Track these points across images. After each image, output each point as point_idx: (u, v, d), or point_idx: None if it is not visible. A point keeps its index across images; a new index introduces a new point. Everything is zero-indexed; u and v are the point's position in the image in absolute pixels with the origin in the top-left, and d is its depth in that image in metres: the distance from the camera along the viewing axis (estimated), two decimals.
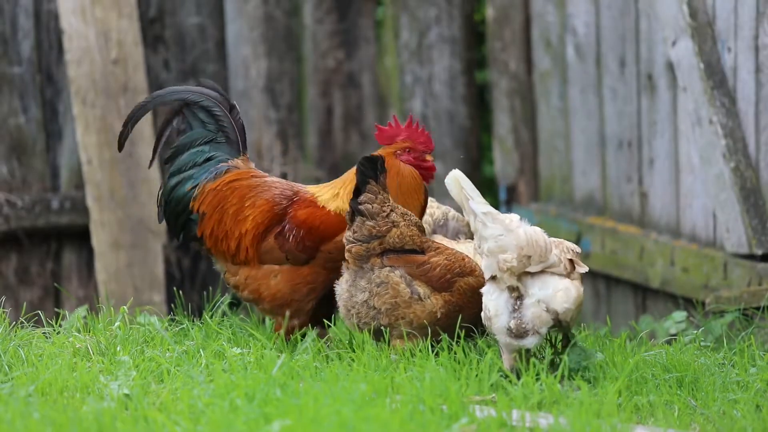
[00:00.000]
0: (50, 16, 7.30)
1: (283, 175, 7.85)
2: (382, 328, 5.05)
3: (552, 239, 5.01)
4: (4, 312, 5.35)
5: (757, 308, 6.02)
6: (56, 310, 6.99)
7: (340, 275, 5.08)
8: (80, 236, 7.37)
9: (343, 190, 5.16)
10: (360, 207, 5.05)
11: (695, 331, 5.90)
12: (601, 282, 7.26)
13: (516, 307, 4.98)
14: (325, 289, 5.14)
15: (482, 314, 5.02)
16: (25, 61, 7.26)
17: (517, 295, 4.97)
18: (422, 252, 5.10)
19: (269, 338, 5.33)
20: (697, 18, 6.35)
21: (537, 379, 4.74)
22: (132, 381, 4.67)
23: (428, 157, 5.19)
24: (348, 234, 5.08)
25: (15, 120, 7.27)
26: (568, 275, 4.98)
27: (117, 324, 5.26)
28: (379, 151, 5.17)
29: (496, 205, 8.06)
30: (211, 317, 5.53)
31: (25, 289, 7.34)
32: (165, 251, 7.38)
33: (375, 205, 5.05)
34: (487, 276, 4.99)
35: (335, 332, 5.54)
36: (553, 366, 4.95)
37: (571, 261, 4.99)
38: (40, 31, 7.30)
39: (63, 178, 7.36)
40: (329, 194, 5.17)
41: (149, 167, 5.38)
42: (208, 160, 5.25)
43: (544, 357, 5.00)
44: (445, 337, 5.10)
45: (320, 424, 4.00)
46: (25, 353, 4.93)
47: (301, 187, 5.25)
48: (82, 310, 5.87)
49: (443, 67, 7.90)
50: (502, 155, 7.85)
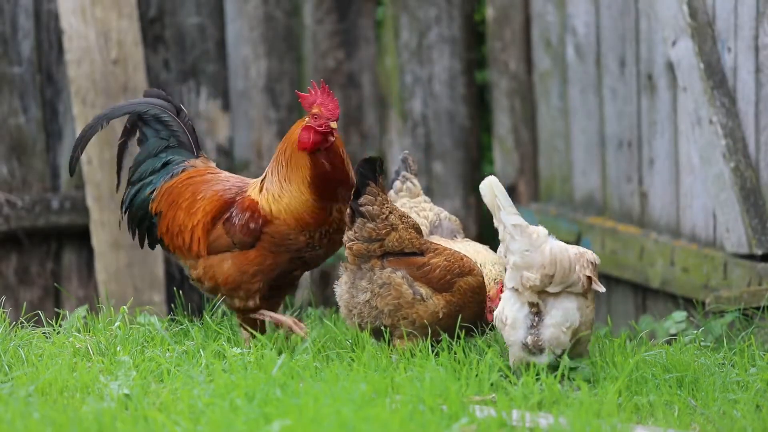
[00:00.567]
0: (50, 16, 7.30)
1: None
2: (383, 327, 5.06)
3: (573, 250, 4.97)
4: (4, 312, 5.35)
5: (757, 308, 6.01)
6: (56, 310, 6.99)
7: (285, 260, 5.17)
8: (80, 236, 7.37)
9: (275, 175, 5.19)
10: (361, 209, 5.05)
11: (695, 331, 5.89)
12: (601, 282, 7.25)
13: (534, 324, 4.96)
14: (273, 273, 5.20)
15: (496, 317, 5.01)
16: (25, 61, 7.26)
17: (536, 311, 4.95)
18: (422, 254, 5.10)
19: (269, 338, 5.33)
20: (697, 18, 6.35)
21: (537, 379, 4.74)
22: (132, 381, 4.67)
23: (332, 124, 5.17)
24: (348, 234, 5.09)
25: (15, 120, 7.27)
26: (585, 293, 4.97)
27: (117, 324, 5.26)
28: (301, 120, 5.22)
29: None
30: (211, 317, 5.53)
31: (25, 289, 7.34)
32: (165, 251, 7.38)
33: (375, 207, 5.06)
34: (508, 286, 4.98)
35: (335, 332, 5.54)
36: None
37: (589, 278, 4.97)
38: (40, 31, 7.31)
39: (63, 178, 7.36)
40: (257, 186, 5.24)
41: (116, 191, 5.50)
42: (166, 164, 5.38)
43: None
44: (445, 337, 5.11)
45: (320, 424, 4.00)
46: (25, 353, 4.93)
47: (253, 181, 5.32)
48: (82, 310, 5.87)
49: (443, 67, 7.90)
50: (502, 155, 7.85)
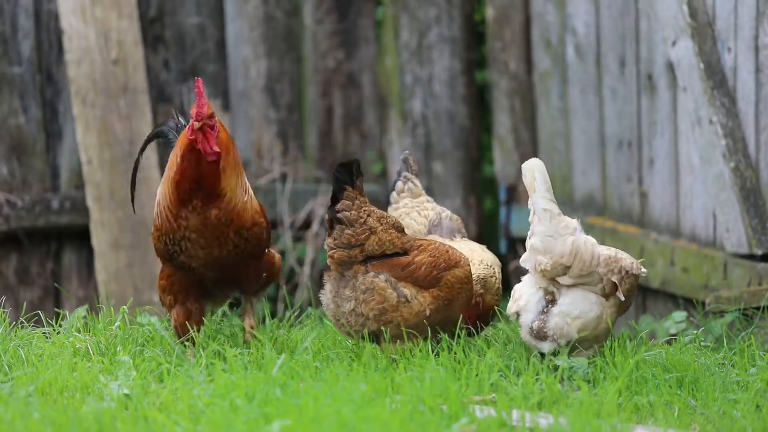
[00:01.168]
0: (50, 16, 7.30)
1: (283, 175, 7.85)
2: (372, 332, 5.05)
3: (610, 253, 5.04)
4: (4, 312, 5.35)
5: (757, 308, 6.01)
6: (56, 310, 6.99)
7: (172, 268, 5.09)
8: (80, 236, 7.37)
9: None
10: (338, 215, 5.03)
11: (695, 331, 5.90)
12: None
13: (545, 310, 5.02)
14: (172, 281, 5.11)
15: (511, 296, 5.09)
16: (25, 61, 7.26)
17: (550, 298, 5.01)
18: (405, 253, 5.08)
19: (269, 338, 5.33)
20: (697, 18, 6.35)
21: (537, 379, 4.74)
22: (132, 381, 4.67)
23: (195, 125, 4.98)
24: (329, 241, 5.06)
25: (15, 120, 7.27)
26: (607, 296, 5.02)
27: (117, 324, 5.26)
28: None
29: (496, 205, 8.07)
30: (211, 317, 5.53)
31: (25, 289, 7.34)
32: None
33: (353, 212, 5.03)
34: (524, 267, 5.07)
35: (335, 332, 5.54)
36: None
37: (614, 284, 5.02)
38: (40, 31, 7.30)
39: (63, 178, 7.37)
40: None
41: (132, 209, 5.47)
42: None
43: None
44: (445, 337, 5.11)
45: (320, 424, 4.00)
46: (25, 353, 4.93)
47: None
48: (82, 310, 5.87)
49: (443, 67, 7.90)
50: (502, 155, 7.85)
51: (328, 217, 5.05)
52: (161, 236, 5.04)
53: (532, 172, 5.06)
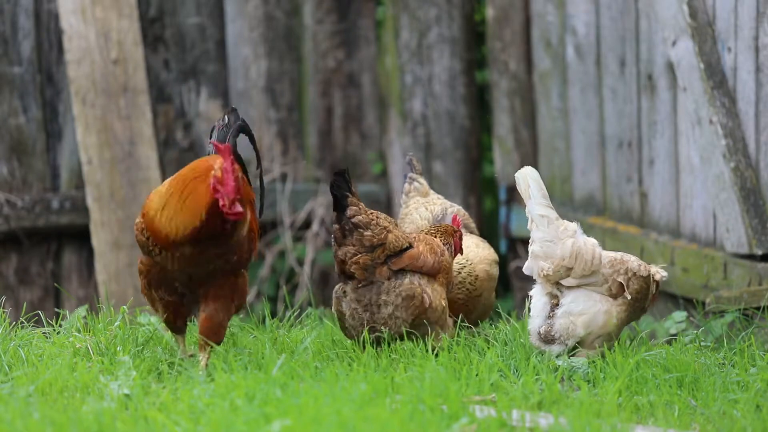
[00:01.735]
0: (50, 16, 7.30)
1: (283, 175, 7.85)
2: (404, 331, 5.09)
3: (617, 256, 5.10)
4: (4, 312, 5.34)
5: (757, 308, 6.01)
6: (56, 310, 6.99)
7: (151, 265, 4.89)
8: (80, 236, 7.37)
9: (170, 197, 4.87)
10: (353, 220, 5.05)
11: (695, 331, 5.90)
12: None
13: (550, 315, 5.07)
14: (151, 277, 4.93)
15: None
16: (25, 61, 7.26)
17: (556, 302, 5.06)
18: (410, 246, 5.14)
19: (269, 338, 5.32)
20: (697, 18, 6.35)
21: (537, 379, 4.74)
22: (132, 381, 4.67)
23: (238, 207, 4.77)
24: (348, 249, 5.07)
25: (15, 120, 7.27)
26: (614, 297, 5.05)
27: (117, 324, 5.25)
28: (218, 162, 4.85)
29: (496, 205, 8.07)
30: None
31: (25, 289, 7.34)
32: None
33: (363, 215, 5.07)
34: (527, 274, 5.13)
35: (335, 332, 5.53)
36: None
37: (620, 284, 5.05)
38: (40, 31, 7.30)
39: (63, 178, 7.36)
40: (156, 192, 4.92)
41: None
42: None
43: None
44: (445, 337, 5.13)
45: (320, 424, 4.00)
46: (25, 353, 4.93)
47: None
48: (82, 310, 5.86)
49: (443, 67, 7.90)
50: (502, 155, 7.85)
51: (339, 227, 5.06)
52: (147, 235, 4.86)
53: (526, 179, 5.09)
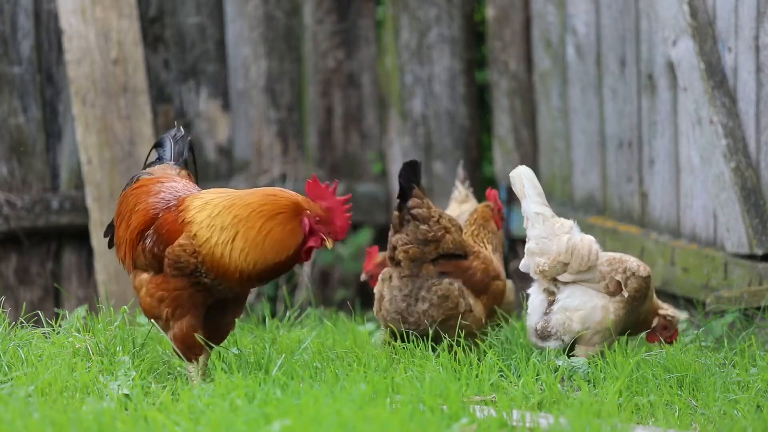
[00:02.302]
0: (50, 16, 7.30)
1: (283, 176, 7.85)
2: (430, 331, 5.11)
3: (615, 255, 5.14)
4: (4, 312, 5.34)
5: (758, 308, 6.01)
6: (56, 310, 6.99)
7: (184, 285, 4.73)
8: (80, 236, 7.36)
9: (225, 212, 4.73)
10: (412, 212, 5.06)
11: (696, 332, 5.90)
12: None
13: (547, 311, 5.10)
14: (181, 300, 4.76)
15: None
16: (25, 61, 7.26)
17: (552, 299, 5.08)
18: (465, 256, 5.15)
19: (269, 338, 5.32)
20: (697, 18, 6.35)
21: (537, 379, 4.74)
22: (132, 381, 4.67)
23: (329, 244, 4.68)
24: (400, 237, 5.08)
25: (15, 120, 7.27)
26: (611, 295, 5.08)
27: (117, 324, 5.25)
28: (300, 198, 4.73)
29: None
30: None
31: (25, 289, 7.34)
32: None
33: (424, 209, 5.08)
34: (523, 271, 5.17)
35: (335, 332, 5.53)
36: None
37: (618, 283, 5.08)
38: (40, 31, 7.30)
39: (63, 178, 7.36)
40: (200, 205, 4.76)
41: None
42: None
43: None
44: (444, 337, 5.14)
45: (320, 424, 3.99)
46: (24, 353, 4.93)
47: (190, 193, 4.88)
48: (81, 311, 5.86)
49: (443, 67, 7.90)
50: (502, 155, 7.85)
51: (399, 215, 5.07)
52: (200, 260, 4.69)
53: (521, 178, 5.13)
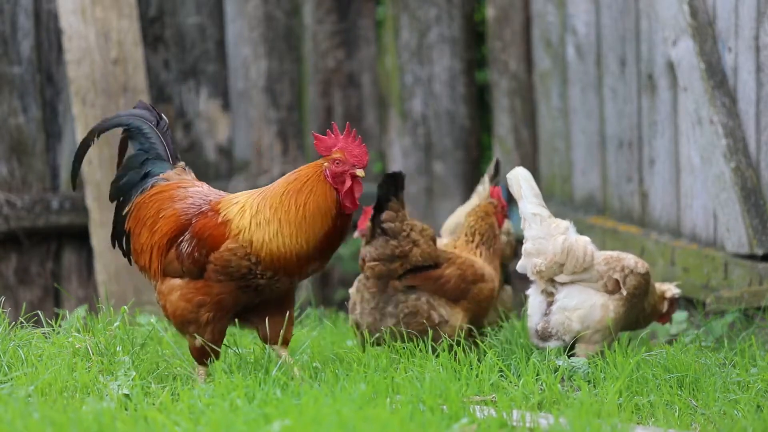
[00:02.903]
0: (50, 16, 7.29)
1: (283, 175, 7.85)
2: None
3: (612, 254, 5.15)
4: (4, 312, 5.34)
5: (758, 308, 6.01)
6: (56, 310, 6.99)
7: (231, 289, 4.70)
8: (80, 236, 7.36)
9: (256, 205, 4.75)
10: (383, 225, 5.04)
11: (696, 332, 5.90)
12: None
13: (547, 312, 5.11)
14: (223, 305, 4.73)
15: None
16: (25, 61, 7.26)
17: (551, 300, 5.09)
18: (437, 266, 5.12)
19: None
20: (697, 18, 6.35)
21: (537, 379, 4.74)
22: (132, 381, 4.67)
23: (358, 172, 4.69)
24: (370, 251, 5.06)
25: (15, 120, 7.26)
26: (610, 293, 5.09)
27: (116, 324, 5.25)
28: (317, 161, 4.80)
29: None
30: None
31: (24, 289, 7.34)
32: None
33: (397, 223, 5.05)
34: (520, 272, 5.17)
35: (335, 332, 5.53)
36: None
37: (615, 281, 5.09)
38: (40, 31, 7.30)
39: (63, 178, 7.36)
40: (237, 208, 4.77)
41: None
42: (145, 176, 4.98)
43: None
44: (444, 337, 5.13)
45: (320, 424, 3.99)
46: (24, 353, 4.92)
47: (220, 197, 4.87)
48: (81, 310, 5.86)
49: (443, 67, 7.90)
50: (502, 155, 7.84)
51: (372, 226, 5.05)
52: (255, 260, 4.68)
53: (517, 179, 5.15)
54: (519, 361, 4.98)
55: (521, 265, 5.19)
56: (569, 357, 5.06)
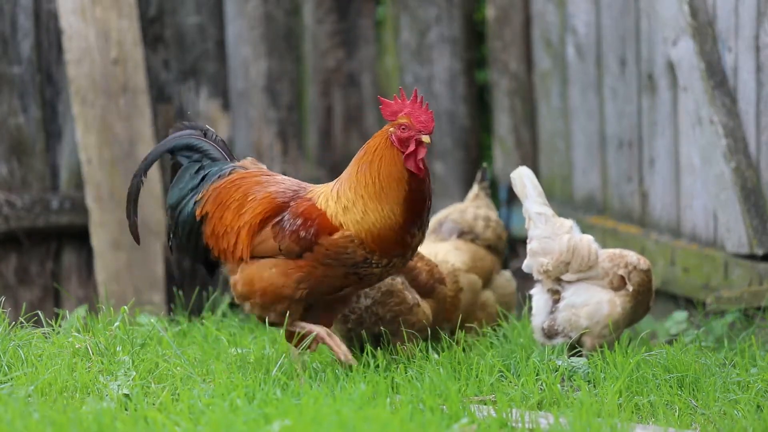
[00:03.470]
0: (50, 16, 7.29)
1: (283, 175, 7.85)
2: (382, 330, 5.07)
3: (615, 251, 5.18)
4: (3, 312, 5.34)
5: (758, 308, 6.01)
6: (56, 310, 6.98)
7: (338, 274, 4.76)
8: (80, 236, 7.36)
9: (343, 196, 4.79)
10: None
11: (696, 332, 5.90)
12: None
13: (552, 310, 5.14)
14: (321, 286, 4.77)
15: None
16: (24, 61, 7.25)
17: (557, 298, 5.12)
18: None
19: (269, 338, 5.32)
20: (697, 18, 6.35)
21: (537, 379, 4.74)
22: (132, 381, 4.67)
23: (424, 138, 4.71)
24: None
25: (15, 120, 7.26)
26: (615, 290, 5.12)
27: (117, 324, 5.25)
28: (381, 131, 4.80)
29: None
30: (212, 315, 5.52)
31: (24, 289, 7.33)
32: (165, 251, 7.37)
33: None
34: (526, 271, 5.19)
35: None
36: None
37: (621, 277, 5.12)
38: (40, 31, 7.30)
39: (63, 178, 7.36)
40: (333, 200, 4.81)
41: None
42: (204, 178, 4.99)
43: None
44: (445, 337, 5.13)
45: (320, 424, 3.99)
46: (24, 353, 4.92)
47: (311, 187, 4.96)
48: (81, 311, 5.86)
49: (443, 67, 7.89)
50: (503, 155, 7.84)
51: None
52: (368, 249, 4.70)
53: (521, 179, 5.17)
54: (519, 361, 4.98)
55: (527, 265, 5.21)
56: (571, 354, 5.07)
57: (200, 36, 7.63)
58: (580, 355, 5.13)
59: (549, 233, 5.15)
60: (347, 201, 4.75)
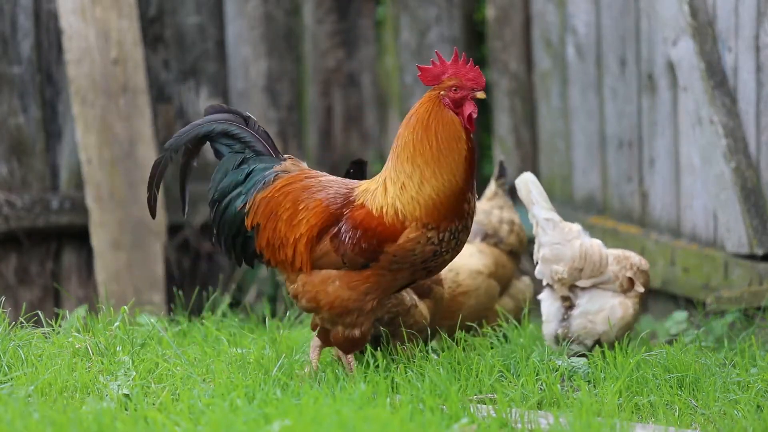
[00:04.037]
0: (50, 16, 7.29)
1: None
2: (382, 331, 5.07)
3: (618, 253, 5.19)
4: (3, 312, 5.34)
5: (758, 308, 6.01)
6: (56, 310, 6.98)
7: (406, 275, 4.69)
8: (80, 236, 7.36)
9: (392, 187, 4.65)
10: None
11: (696, 332, 5.90)
12: None
13: (565, 317, 5.11)
14: (390, 291, 4.72)
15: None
16: (24, 60, 7.25)
17: (568, 304, 5.11)
18: None
19: (269, 338, 5.32)
20: (697, 18, 6.35)
21: (537, 379, 4.74)
22: (132, 381, 4.67)
23: (479, 95, 4.62)
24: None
25: (15, 120, 7.26)
26: (624, 293, 5.11)
27: (117, 324, 5.25)
28: (424, 99, 4.75)
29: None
30: (212, 315, 5.52)
31: (24, 289, 7.33)
32: (165, 251, 7.37)
33: None
34: (538, 279, 5.18)
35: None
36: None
37: (630, 279, 5.12)
38: (40, 31, 7.30)
39: (63, 178, 7.36)
40: (372, 193, 4.69)
41: (183, 215, 4.92)
42: (249, 174, 4.82)
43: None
44: (445, 337, 5.13)
45: (320, 424, 3.99)
46: (24, 353, 4.92)
47: (357, 186, 4.78)
48: (81, 310, 5.86)
49: None
50: (503, 155, 7.84)
51: None
52: (437, 232, 4.60)
53: (527, 185, 5.13)
54: (519, 361, 4.98)
55: (539, 272, 5.17)
56: (572, 355, 5.08)
57: (200, 36, 7.63)
58: (581, 355, 5.13)
59: (559, 239, 5.12)
60: (405, 177, 4.62)
